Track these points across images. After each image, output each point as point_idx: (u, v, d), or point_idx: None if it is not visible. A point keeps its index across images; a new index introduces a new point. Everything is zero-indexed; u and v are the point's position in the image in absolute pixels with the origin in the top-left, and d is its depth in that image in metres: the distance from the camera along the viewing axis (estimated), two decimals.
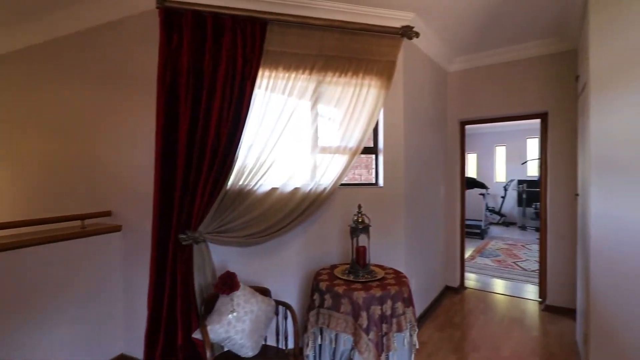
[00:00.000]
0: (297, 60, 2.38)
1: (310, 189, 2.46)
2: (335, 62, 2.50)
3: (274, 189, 2.39)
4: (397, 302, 1.96)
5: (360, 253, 2.20)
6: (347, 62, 2.53)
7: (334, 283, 2.03)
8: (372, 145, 2.90)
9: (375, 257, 2.49)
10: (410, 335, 2.04)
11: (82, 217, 2.43)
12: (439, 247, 3.87)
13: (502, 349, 2.76)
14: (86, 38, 2.71)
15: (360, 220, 2.19)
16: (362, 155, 3.06)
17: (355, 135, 2.56)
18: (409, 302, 2.07)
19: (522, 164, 8.99)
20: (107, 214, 2.59)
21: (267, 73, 2.31)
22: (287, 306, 2.06)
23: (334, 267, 2.37)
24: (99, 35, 2.65)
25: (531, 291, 4.14)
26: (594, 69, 2.14)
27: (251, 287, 2.05)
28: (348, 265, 2.27)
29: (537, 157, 8.65)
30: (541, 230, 3.78)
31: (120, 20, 2.54)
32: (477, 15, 2.88)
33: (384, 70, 2.63)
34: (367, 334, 1.83)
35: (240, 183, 2.28)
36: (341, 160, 2.55)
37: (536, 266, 5.12)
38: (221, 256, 2.28)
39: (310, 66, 2.42)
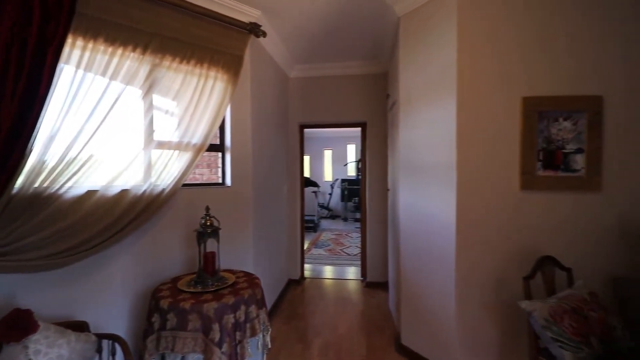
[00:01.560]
0: (126, 33, 1.94)
1: (145, 191, 2.06)
2: (175, 46, 2.19)
3: (91, 192, 1.87)
4: (251, 305, 1.89)
5: (209, 259, 2.01)
6: (190, 49, 2.26)
7: (178, 298, 1.77)
8: (218, 143, 2.71)
9: (223, 261, 2.33)
10: (264, 337, 2.02)
11: None
12: (283, 243, 4.03)
13: (338, 328, 3.12)
14: None
15: (208, 223, 2.00)
16: (205, 154, 2.82)
17: (200, 130, 2.33)
18: (262, 303, 2.03)
19: (344, 165, 10.56)
20: None
21: (80, 43, 1.78)
22: (114, 338, 1.65)
23: (176, 279, 2.07)
24: None
25: (355, 272, 4.89)
26: (402, 91, 2.69)
27: (58, 323, 1.53)
28: (194, 275, 2.03)
29: (355, 160, 10.39)
30: (362, 220, 4.51)
31: None
32: (314, 29, 3.15)
33: (231, 64, 2.50)
34: (220, 347, 1.68)
35: (38, 185, 1.67)
36: (183, 158, 2.26)
37: (357, 251, 6.10)
38: (6, 287, 1.60)
39: (143, 45, 2.03)
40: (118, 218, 1.93)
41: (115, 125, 1.92)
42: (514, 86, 2.15)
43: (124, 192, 1.98)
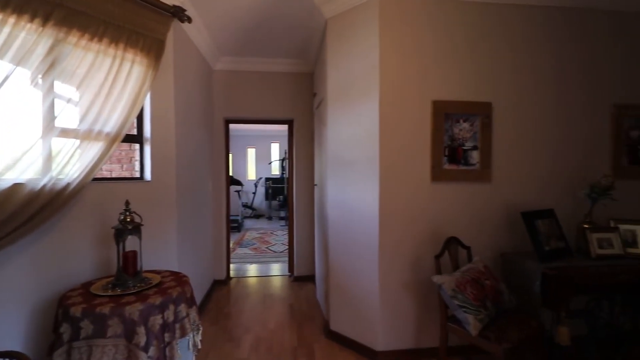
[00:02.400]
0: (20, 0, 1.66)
1: (45, 185, 1.78)
2: (84, 20, 1.93)
3: None
4: (180, 304, 1.79)
5: (130, 259, 1.83)
6: (103, 26, 2.02)
7: (94, 304, 1.58)
8: (135, 133, 2.47)
9: (144, 262, 2.15)
10: (194, 337, 1.92)
11: None
12: (208, 243, 3.85)
13: (268, 323, 3.12)
14: None
15: (128, 219, 1.82)
16: (116, 149, 2.55)
17: (115, 117, 2.10)
18: (191, 301, 1.93)
19: (269, 163, 10.49)
20: None
21: None
22: (12, 356, 1.39)
23: (88, 284, 1.84)
24: None
25: (282, 268, 4.93)
26: (330, 89, 2.81)
27: None
28: (112, 278, 1.83)
29: (280, 158, 10.41)
30: (289, 216, 4.57)
31: None
32: (242, 20, 3.10)
33: (151, 48, 2.31)
34: (147, 351, 1.55)
35: None
36: (94, 148, 2.02)
37: (283, 248, 6.15)
38: None
39: (44, 15, 1.75)
40: (10, 216, 1.63)
41: (4, 109, 1.62)
42: (426, 90, 2.45)
43: (16, 186, 1.68)
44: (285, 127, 4.50)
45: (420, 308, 2.48)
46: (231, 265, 4.84)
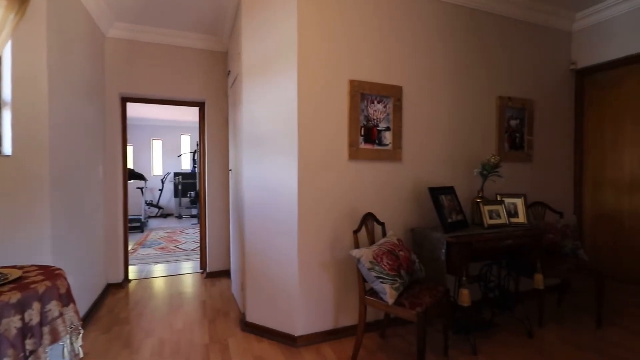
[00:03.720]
0: None
1: None
2: None
3: None
4: (50, 302, 1.41)
5: None
6: None
7: None
8: None
9: (3, 255, 1.67)
10: (72, 342, 1.55)
11: None
12: (99, 241, 3.27)
13: (175, 323, 2.77)
14: None
15: None
16: None
17: None
18: (67, 298, 1.55)
19: (178, 156, 9.60)
20: None
21: None
22: None
23: None
24: None
25: (194, 266, 4.51)
26: (245, 64, 2.62)
27: None
28: None
29: (191, 151, 9.61)
30: (201, 208, 4.19)
31: None
32: None
33: None
34: None
35: None
36: None
37: (194, 246, 5.68)
38: None
39: None
40: None
41: None
42: (344, 69, 2.45)
43: None
44: (196, 118, 4.10)
45: (339, 288, 2.47)
46: (131, 267, 4.24)
